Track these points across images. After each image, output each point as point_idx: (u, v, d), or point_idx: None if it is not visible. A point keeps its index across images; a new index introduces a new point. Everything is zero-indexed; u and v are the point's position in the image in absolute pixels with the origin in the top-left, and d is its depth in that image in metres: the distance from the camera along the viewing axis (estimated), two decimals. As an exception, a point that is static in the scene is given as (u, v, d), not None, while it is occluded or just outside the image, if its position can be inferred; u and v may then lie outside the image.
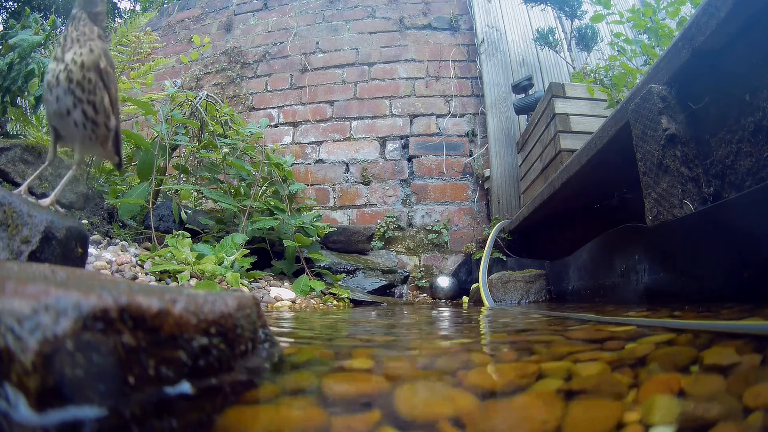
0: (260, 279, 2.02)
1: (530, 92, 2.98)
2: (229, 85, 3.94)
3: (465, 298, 2.55)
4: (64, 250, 0.92)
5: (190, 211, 2.26)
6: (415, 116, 3.55)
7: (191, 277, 1.63)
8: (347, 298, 2.08)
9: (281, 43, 4.00)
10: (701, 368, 0.39)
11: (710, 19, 0.87)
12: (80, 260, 1.00)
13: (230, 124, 2.51)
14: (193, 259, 1.68)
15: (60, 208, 1.11)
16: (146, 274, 1.59)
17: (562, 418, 0.33)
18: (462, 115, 3.52)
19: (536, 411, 0.36)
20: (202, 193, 2.41)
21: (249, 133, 2.39)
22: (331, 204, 3.42)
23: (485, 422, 0.34)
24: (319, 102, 3.70)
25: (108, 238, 1.89)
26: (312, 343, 0.73)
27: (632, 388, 0.37)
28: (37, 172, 1.11)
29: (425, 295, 2.98)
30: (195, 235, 2.08)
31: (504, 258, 2.62)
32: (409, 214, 3.31)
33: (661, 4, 2.14)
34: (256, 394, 0.39)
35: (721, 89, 0.94)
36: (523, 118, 3.18)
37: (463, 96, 3.57)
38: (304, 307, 1.79)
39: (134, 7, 8.29)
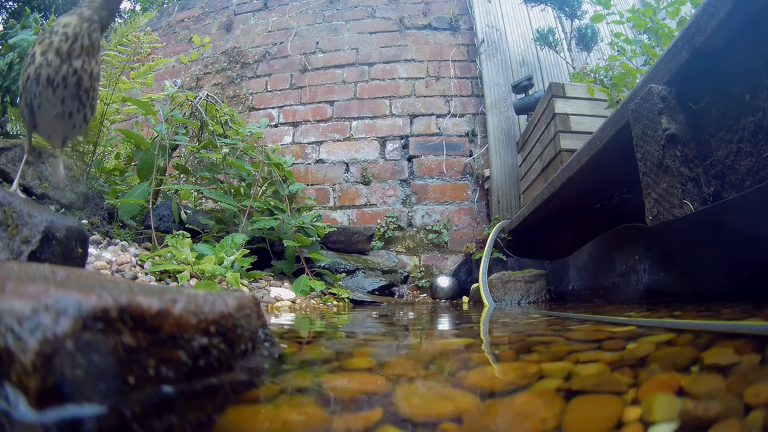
0: (260, 279, 2.02)
1: (530, 92, 2.98)
2: (229, 85, 3.94)
3: (465, 298, 2.55)
4: (64, 250, 0.92)
5: (190, 211, 2.26)
6: (415, 116, 3.55)
7: (191, 277, 1.63)
8: (347, 298, 2.08)
9: (281, 43, 4.00)
10: (701, 368, 0.39)
11: (710, 19, 0.87)
12: (80, 260, 1.00)
13: (230, 124, 2.51)
14: (193, 259, 1.68)
15: (21, 193, 1.12)
16: (146, 274, 1.59)
17: (562, 418, 0.33)
18: (462, 115, 3.52)
19: (536, 410, 0.36)
20: (202, 193, 2.41)
21: (249, 133, 2.39)
22: (331, 204, 3.42)
23: (485, 421, 0.34)
24: (319, 102, 3.70)
25: (108, 238, 1.89)
26: (312, 343, 0.73)
27: (632, 388, 0.37)
28: (20, 167, 1.11)
29: (425, 295, 2.98)
30: (195, 235, 2.08)
31: (504, 258, 2.62)
32: (409, 214, 3.31)
33: (661, 4, 2.13)
34: (256, 394, 0.39)
35: (721, 89, 0.94)
36: (523, 118, 3.18)
37: (463, 96, 3.57)
38: (304, 307, 1.79)
39: (134, 7, 8.29)
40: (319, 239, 2.41)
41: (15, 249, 0.84)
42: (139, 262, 1.68)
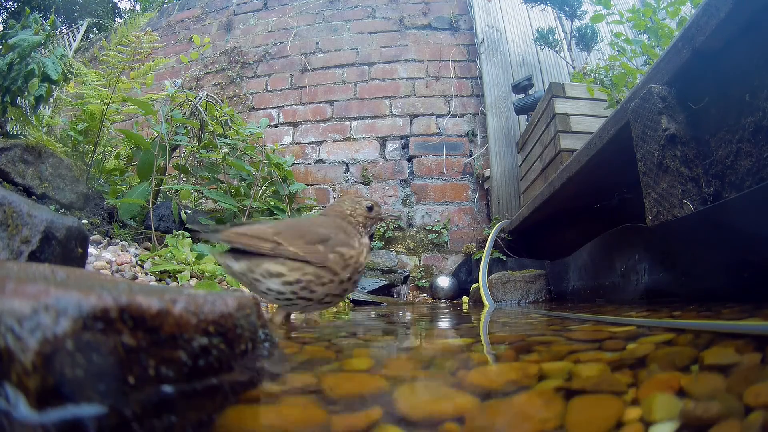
0: (260, 279, 2.02)
1: (530, 92, 2.98)
2: (229, 85, 3.94)
3: (465, 298, 2.54)
4: (64, 250, 0.92)
5: (190, 211, 2.26)
6: (415, 116, 3.55)
7: (191, 277, 1.63)
8: (347, 298, 2.08)
9: (281, 43, 4.00)
10: (701, 368, 0.39)
11: (710, 19, 0.87)
12: (80, 260, 1.00)
13: (230, 124, 2.51)
14: (193, 259, 1.68)
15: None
16: (146, 274, 1.59)
17: (562, 418, 0.33)
18: (462, 115, 3.52)
19: (536, 410, 0.36)
20: (202, 193, 2.41)
21: (249, 133, 2.39)
22: (331, 204, 3.42)
23: (485, 421, 0.34)
24: (319, 102, 3.70)
25: (108, 238, 1.89)
26: (312, 343, 0.73)
27: (632, 388, 0.37)
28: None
29: (425, 295, 2.98)
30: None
31: (504, 258, 2.62)
32: (409, 214, 3.31)
33: (661, 4, 2.13)
34: (256, 394, 0.39)
35: (721, 89, 0.94)
36: (523, 118, 3.18)
37: (463, 96, 3.57)
38: (304, 307, 1.79)
39: (134, 7, 8.30)
40: (319, 239, 2.40)
41: (15, 249, 0.84)
42: (139, 262, 1.68)
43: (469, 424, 0.33)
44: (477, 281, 2.13)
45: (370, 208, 1.04)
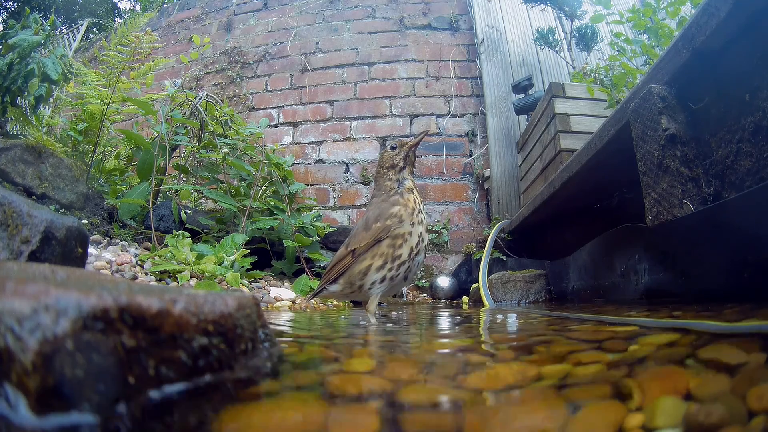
0: (260, 279, 2.02)
1: (530, 92, 2.98)
2: (229, 85, 3.94)
3: (465, 298, 2.54)
4: (64, 250, 0.92)
5: (190, 211, 2.26)
6: (415, 116, 3.55)
7: (191, 277, 1.63)
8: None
9: (281, 43, 4.00)
10: (702, 368, 0.39)
11: (710, 19, 0.87)
12: (80, 260, 1.00)
13: (230, 124, 2.51)
14: (193, 259, 1.68)
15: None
16: (146, 274, 1.59)
17: (561, 418, 0.33)
18: (462, 115, 3.52)
19: (536, 411, 0.36)
20: (202, 193, 2.41)
21: (249, 133, 2.39)
22: (331, 204, 3.42)
23: (485, 423, 0.34)
24: (319, 102, 3.70)
25: (108, 238, 1.89)
26: (312, 343, 0.73)
27: (633, 389, 0.37)
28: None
29: (425, 295, 2.98)
30: (195, 235, 2.08)
31: (504, 258, 2.62)
32: (409, 214, 3.31)
33: (661, 4, 2.13)
34: (256, 393, 0.39)
35: (721, 89, 0.94)
36: (523, 118, 3.18)
37: (463, 96, 3.57)
38: (304, 307, 1.79)
39: (134, 7, 8.31)
40: (319, 239, 2.41)
41: (15, 249, 0.84)
42: (139, 262, 1.68)
43: (470, 425, 0.33)
44: (477, 281, 2.13)
45: (393, 148, 1.18)
